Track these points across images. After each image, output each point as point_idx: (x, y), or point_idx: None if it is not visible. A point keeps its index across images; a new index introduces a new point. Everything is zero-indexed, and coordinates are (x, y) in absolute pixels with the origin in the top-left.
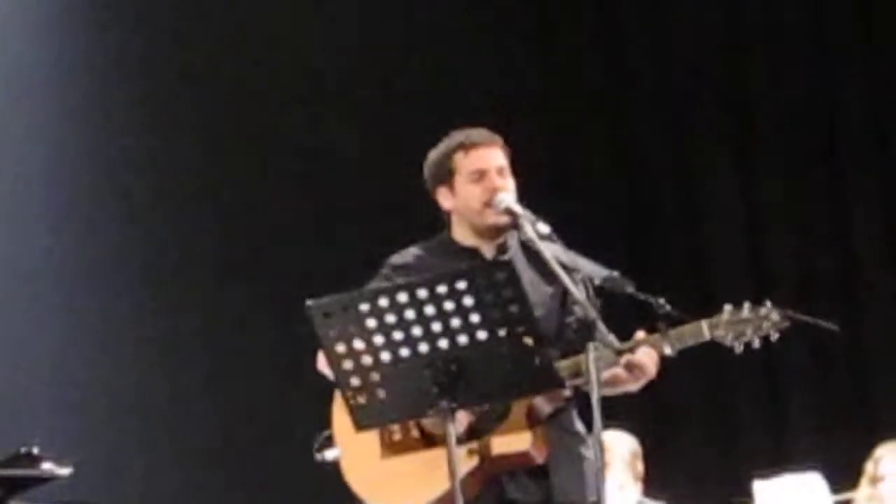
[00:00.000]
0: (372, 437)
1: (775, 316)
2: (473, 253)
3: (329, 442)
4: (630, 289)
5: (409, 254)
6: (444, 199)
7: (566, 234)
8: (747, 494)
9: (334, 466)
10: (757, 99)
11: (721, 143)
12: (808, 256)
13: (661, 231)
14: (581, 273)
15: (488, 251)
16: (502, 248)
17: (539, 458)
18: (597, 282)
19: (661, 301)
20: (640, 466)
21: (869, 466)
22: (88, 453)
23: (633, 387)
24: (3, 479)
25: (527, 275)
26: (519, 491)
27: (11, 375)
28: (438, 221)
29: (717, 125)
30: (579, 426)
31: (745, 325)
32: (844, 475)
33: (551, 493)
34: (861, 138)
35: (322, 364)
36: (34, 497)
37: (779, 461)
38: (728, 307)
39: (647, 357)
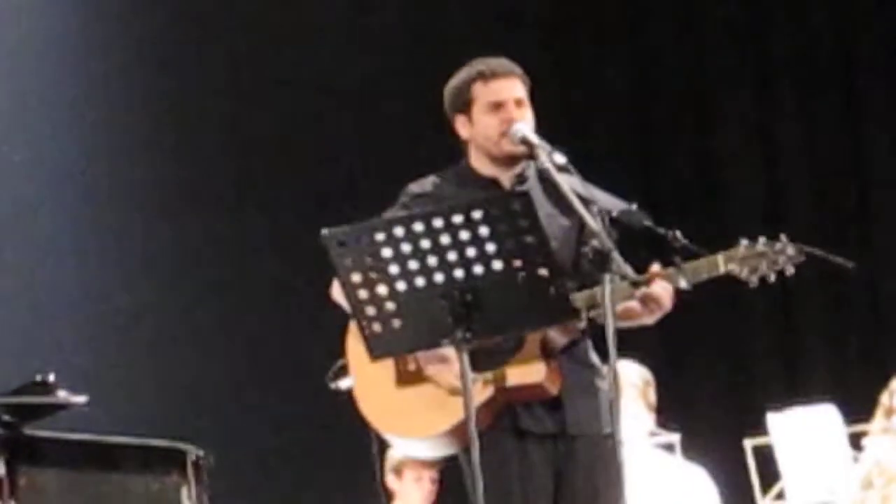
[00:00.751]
0: (386, 368)
1: (791, 250)
2: (491, 182)
3: (343, 371)
4: (647, 222)
5: (428, 182)
6: (462, 127)
7: (580, 167)
8: (761, 426)
9: (348, 395)
10: (776, 35)
11: (738, 78)
12: (824, 192)
13: (677, 165)
14: (598, 205)
15: (506, 180)
16: (520, 178)
17: (553, 389)
18: (614, 214)
19: (678, 234)
20: (652, 396)
21: (884, 398)
22: (102, 383)
23: (649, 320)
24: (18, 406)
25: (544, 205)
26: (532, 422)
27: (29, 310)
28: (457, 149)
29: (736, 58)
30: (594, 358)
31: (761, 258)
32: (859, 408)
33: (565, 424)
34: (878, 71)
35: (336, 293)
36: (49, 424)
37: (793, 393)
38: (744, 241)
39: (662, 290)
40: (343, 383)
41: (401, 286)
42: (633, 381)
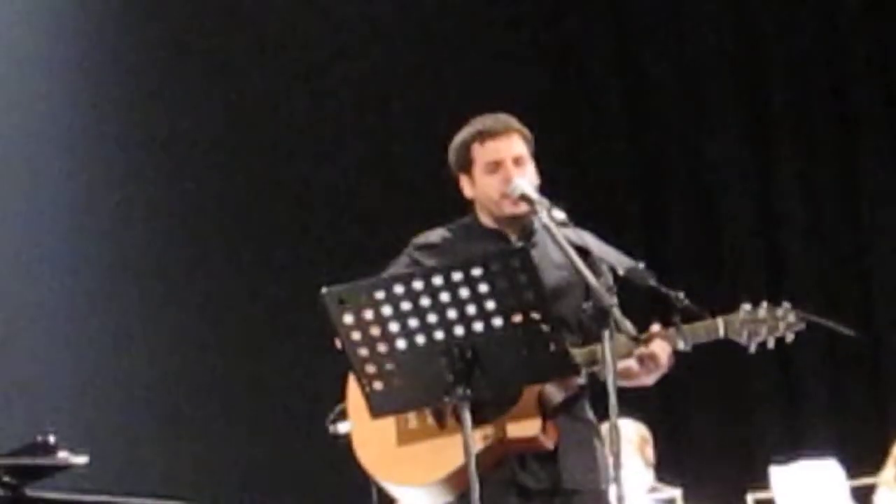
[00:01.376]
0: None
1: (792, 318)
2: (498, 235)
3: (343, 415)
4: (652, 281)
5: (435, 235)
6: (466, 186)
7: (582, 222)
8: (763, 480)
9: (347, 440)
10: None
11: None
12: (823, 244)
13: (676, 215)
14: (606, 261)
15: (513, 233)
16: (528, 231)
17: (548, 443)
18: (620, 272)
19: (681, 296)
20: (650, 452)
21: (895, 448)
22: (104, 443)
23: (647, 380)
24: (19, 467)
25: (552, 258)
26: (529, 477)
27: (28, 367)
28: (464, 204)
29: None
30: (590, 414)
31: (761, 324)
32: (860, 461)
33: (560, 479)
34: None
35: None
36: (50, 486)
37: (794, 447)
38: (745, 306)
39: (660, 350)
40: (342, 427)
41: (401, 344)
42: (629, 438)
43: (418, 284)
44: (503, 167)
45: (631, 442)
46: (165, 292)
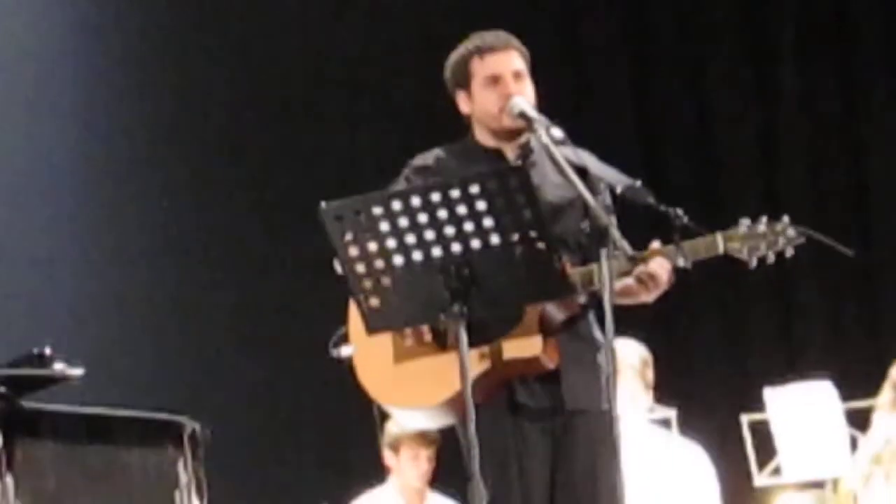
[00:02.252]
0: (385, 339)
1: (791, 232)
2: (496, 154)
3: (345, 338)
4: (650, 199)
5: (431, 156)
6: (463, 103)
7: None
8: (758, 402)
9: (348, 364)
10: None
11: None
12: (823, 169)
13: (676, 141)
14: (603, 180)
15: (510, 152)
16: (525, 149)
17: (550, 364)
18: (618, 190)
19: (680, 212)
20: (650, 374)
21: (893, 371)
22: (101, 357)
23: (647, 298)
24: (14, 378)
25: (550, 177)
26: (528, 396)
27: (27, 281)
28: (462, 123)
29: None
30: (597, 334)
31: (761, 239)
32: (855, 384)
33: (562, 399)
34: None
35: (339, 266)
36: (45, 397)
37: (790, 370)
38: (745, 221)
39: (659, 267)
40: (344, 351)
41: (398, 260)
42: (630, 362)
43: (416, 201)
44: (503, 81)
45: (632, 366)
46: (167, 210)
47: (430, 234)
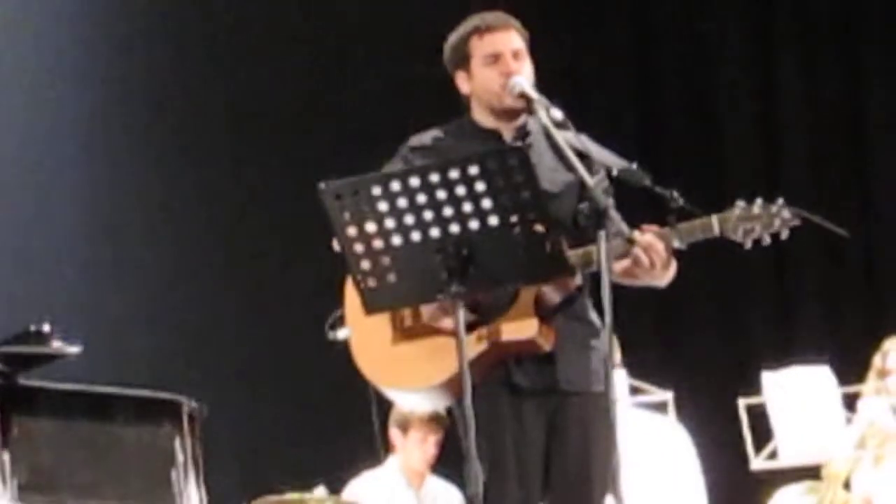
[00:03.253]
0: (382, 321)
1: (786, 214)
2: (493, 135)
3: (341, 321)
4: (646, 181)
5: (429, 135)
6: (462, 82)
7: (579, 120)
8: (755, 385)
9: (345, 346)
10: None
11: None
12: (822, 152)
13: (674, 120)
14: (599, 162)
15: (508, 133)
16: (522, 131)
17: (546, 345)
18: (614, 172)
19: (676, 194)
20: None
21: (877, 360)
22: (99, 334)
23: (650, 277)
24: (12, 355)
25: (547, 159)
26: (524, 377)
27: (25, 254)
28: (460, 104)
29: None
30: (593, 316)
31: (756, 221)
32: (853, 369)
33: (557, 380)
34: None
35: (337, 245)
36: (42, 374)
37: (787, 353)
38: (740, 202)
39: (654, 239)
40: (341, 333)
41: (396, 240)
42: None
43: (415, 181)
44: (502, 60)
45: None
46: (164, 186)
47: (428, 215)
